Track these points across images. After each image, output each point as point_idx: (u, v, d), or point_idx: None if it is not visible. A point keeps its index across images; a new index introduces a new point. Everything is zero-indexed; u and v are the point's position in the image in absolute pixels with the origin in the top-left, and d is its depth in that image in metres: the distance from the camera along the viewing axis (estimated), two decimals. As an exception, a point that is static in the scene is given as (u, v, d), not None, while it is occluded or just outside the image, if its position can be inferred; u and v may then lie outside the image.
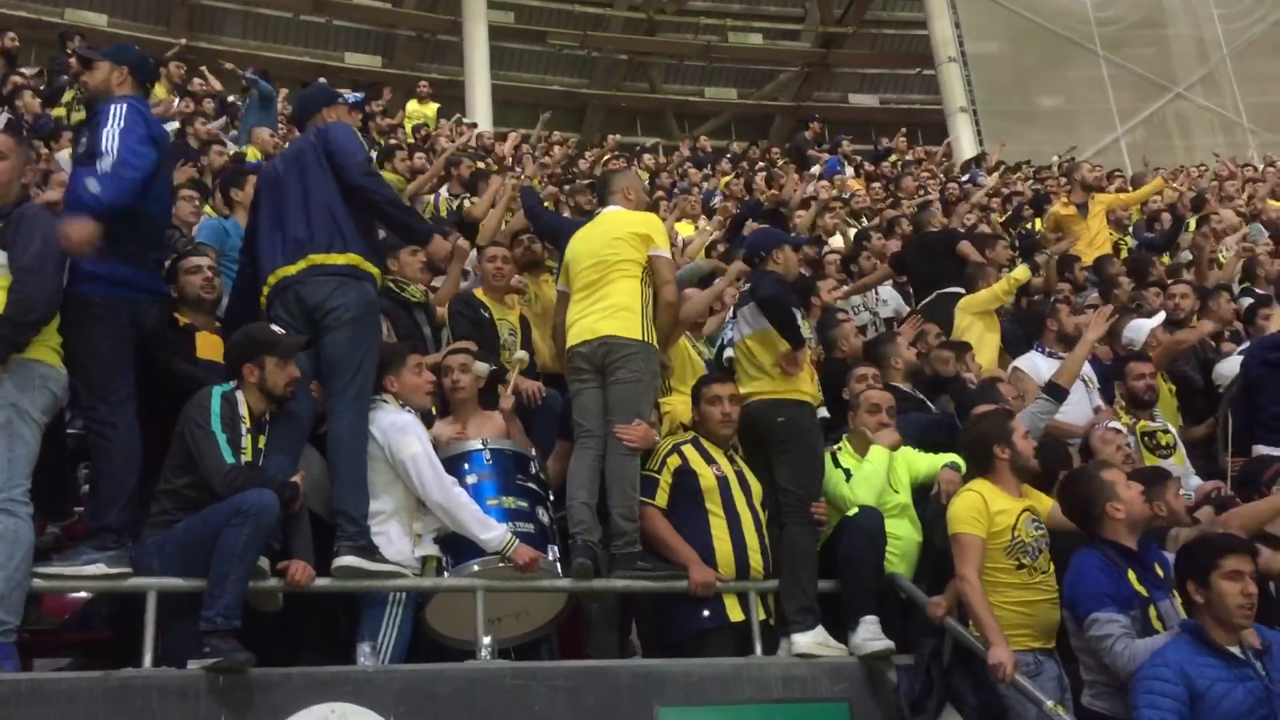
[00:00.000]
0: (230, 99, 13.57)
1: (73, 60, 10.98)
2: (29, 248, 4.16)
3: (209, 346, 5.10)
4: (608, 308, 5.14)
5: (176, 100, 11.05)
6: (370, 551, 4.46)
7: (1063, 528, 4.74)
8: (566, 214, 8.41)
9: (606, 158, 15.31)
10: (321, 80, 14.12)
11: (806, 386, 5.35)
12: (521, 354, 5.42)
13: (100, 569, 4.12)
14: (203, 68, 14.46)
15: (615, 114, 25.90)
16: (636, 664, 4.87)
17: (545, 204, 8.44)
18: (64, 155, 7.73)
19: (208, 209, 7.46)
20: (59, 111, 10.11)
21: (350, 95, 5.47)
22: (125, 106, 4.50)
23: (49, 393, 4.19)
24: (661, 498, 5.05)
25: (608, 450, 4.96)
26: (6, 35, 11.63)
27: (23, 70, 11.60)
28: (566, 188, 9.93)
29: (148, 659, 4.00)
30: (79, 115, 10.16)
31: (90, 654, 4.80)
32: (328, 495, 4.61)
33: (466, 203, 10.07)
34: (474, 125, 17.46)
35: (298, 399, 4.61)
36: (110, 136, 4.39)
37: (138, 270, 4.49)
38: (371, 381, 4.79)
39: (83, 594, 4.70)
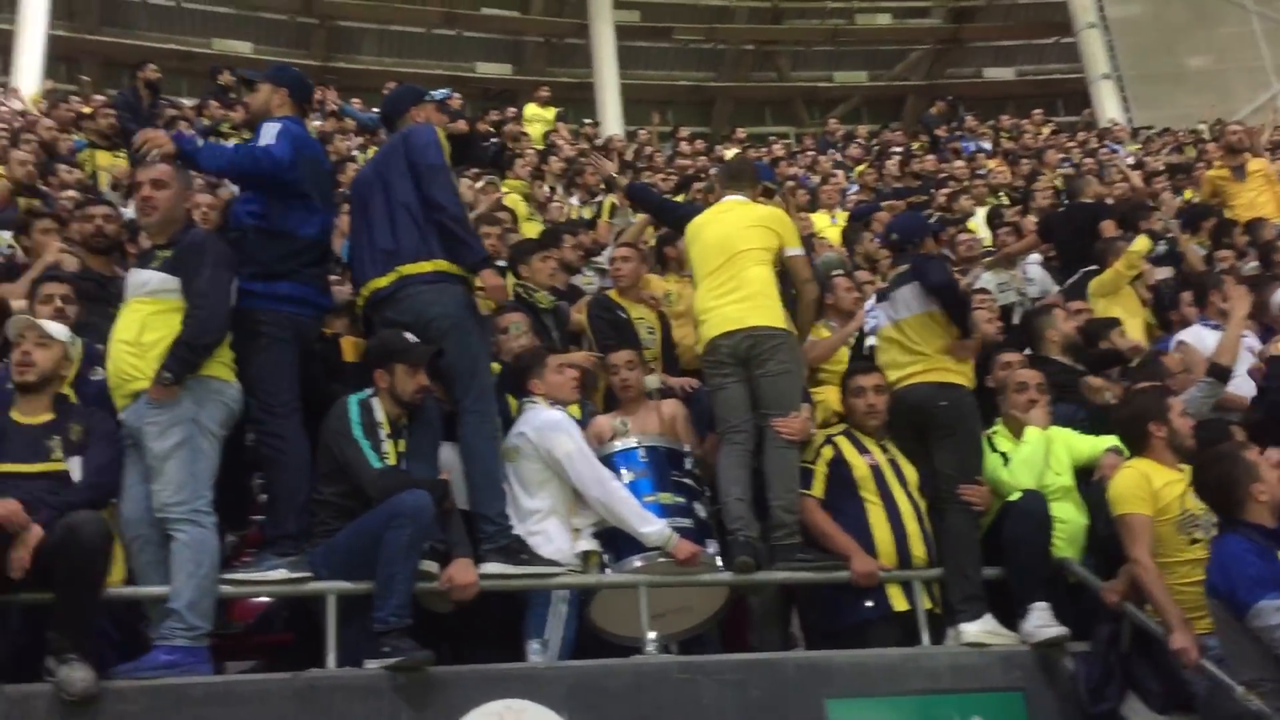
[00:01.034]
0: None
1: (225, 98, 11.45)
2: (201, 273, 4.35)
3: (355, 350, 5.23)
4: (747, 296, 5.10)
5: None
6: (513, 552, 4.52)
7: None
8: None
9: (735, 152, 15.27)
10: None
11: (965, 369, 5.24)
12: (651, 379, 5.45)
13: (283, 574, 4.29)
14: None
15: (744, 105, 25.75)
16: (803, 656, 4.87)
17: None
18: None
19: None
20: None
21: (437, 93, 5.48)
22: (279, 125, 4.68)
23: (225, 407, 4.37)
24: (818, 488, 5.03)
25: (766, 443, 4.94)
26: (148, 67, 12.13)
27: (182, 101, 12.11)
28: (699, 184, 9.93)
29: (331, 660, 4.15)
30: (236, 139, 10.59)
31: (272, 655, 5.01)
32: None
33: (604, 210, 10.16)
34: (595, 125, 17.61)
35: (428, 404, 4.68)
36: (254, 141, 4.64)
37: (297, 285, 4.64)
38: (489, 383, 4.84)
39: (263, 598, 4.91)
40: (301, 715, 3.97)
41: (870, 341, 5.88)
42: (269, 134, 4.64)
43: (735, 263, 5.18)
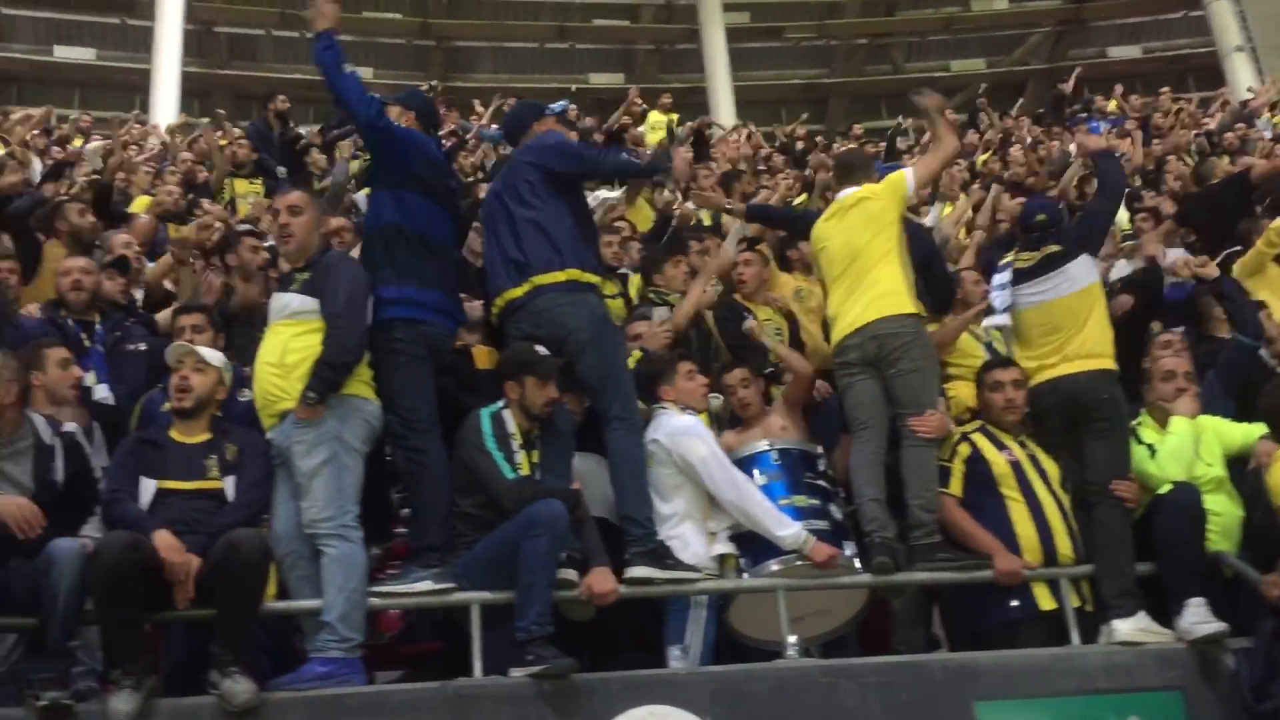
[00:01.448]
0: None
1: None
2: (338, 294, 4.49)
3: (487, 358, 5.35)
4: (877, 296, 5.04)
5: None
6: (659, 556, 4.55)
7: None
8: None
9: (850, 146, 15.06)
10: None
11: (1111, 355, 5.09)
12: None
13: (429, 585, 4.39)
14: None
15: (859, 100, 25.50)
16: (949, 657, 4.77)
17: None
18: (362, 196, 8.31)
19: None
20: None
21: (555, 105, 5.63)
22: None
23: (367, 424, 4.50)
24: (956, 486, 4.96)
25: (902, 442, 4.88)
26: (278, 98, 12.62)
27: (312, 128, 12.49)
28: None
29: (478, 668, 4.22)
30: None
31: (418, 665, 5.12)
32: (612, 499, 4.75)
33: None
34: (709, 126, 17.57)
35: (559, 415, 4.74)
36: None
37: (427, 291, 4.74)
38: (631, 390, 4.88)
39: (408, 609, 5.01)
40: (451, 723, 4.05)
41: (999, 320, 5.60)
42: None
43: (861, 264, 5.12)
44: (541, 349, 4.69)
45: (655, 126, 15.82)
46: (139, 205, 7.78)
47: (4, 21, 22.72)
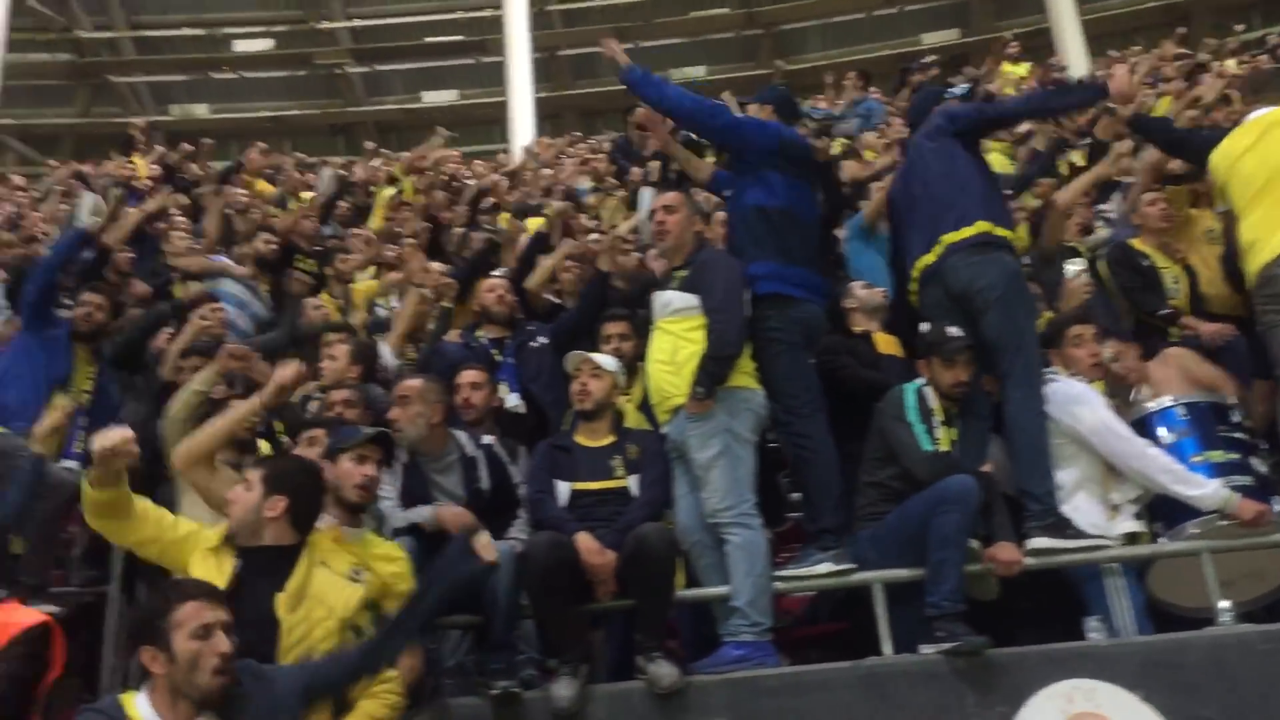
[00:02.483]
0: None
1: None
2: (715, 289, 4.65)
3: (887, 344, 5.39)
4: None
5: None
6: (1059, 528, 4.38)
7: None
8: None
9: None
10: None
11: None
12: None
13: (828, 567, 4.46)
14: None
15: (1225, 12, 23.14)
16: None
17: None
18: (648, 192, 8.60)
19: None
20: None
21: (956, 89, 5.62)
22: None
23: (754, 414, 4.62)
24: None
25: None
26: (638, 111, 13.19)
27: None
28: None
29: (887, 647, 4.23)
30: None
31: (821, 646, 5.19)
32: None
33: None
34: (1063, 69, 16.54)
35: (977, 397, 4.67)
36: None
37: (792, 267, 4.79)
38: (1035, 354, 4.72)
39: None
40: (866, 701, 4.08)
41: None
42: None
43: None
44: (953, 330, 4.66)
45: (1007, 78, 15.11)
46: (532, 225, 8.40)
47: (379, 77, 25.21)
